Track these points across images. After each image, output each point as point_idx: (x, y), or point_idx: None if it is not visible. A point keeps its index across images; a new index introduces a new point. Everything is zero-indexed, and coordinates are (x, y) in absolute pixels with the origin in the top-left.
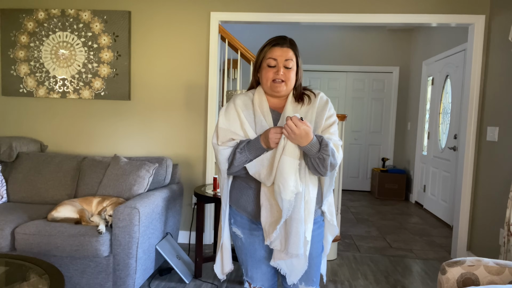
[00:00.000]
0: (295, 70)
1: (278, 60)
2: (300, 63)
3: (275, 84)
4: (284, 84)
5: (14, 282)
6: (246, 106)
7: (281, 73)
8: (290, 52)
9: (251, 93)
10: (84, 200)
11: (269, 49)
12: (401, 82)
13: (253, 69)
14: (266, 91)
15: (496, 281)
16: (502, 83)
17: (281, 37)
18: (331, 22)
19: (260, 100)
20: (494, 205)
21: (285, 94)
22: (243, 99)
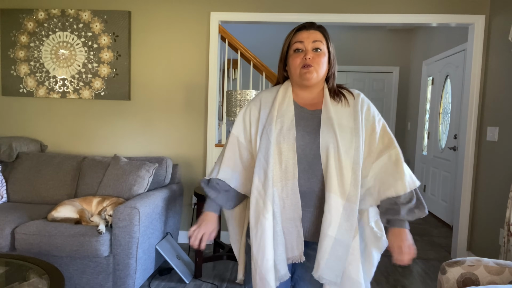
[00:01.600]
0: (326, 56)
1: (305, 42)
2: (332, 50)
3: (304, 70)
4: (314, 70)
5: (14, 282)
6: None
7: (309, 56)
8: (318, 34)
9: (276, 89)
10: (84, 200)
11: (295, 33)
12: (401, 82)
13: (280, 62)
14: (297, 82)
15: (496, 281)
16: (502, 83)
17: (308, 22)
18: (331, 22)
19: (284, 95)
20: (494, 205)
21: (316, 83)
22: (265, 96)
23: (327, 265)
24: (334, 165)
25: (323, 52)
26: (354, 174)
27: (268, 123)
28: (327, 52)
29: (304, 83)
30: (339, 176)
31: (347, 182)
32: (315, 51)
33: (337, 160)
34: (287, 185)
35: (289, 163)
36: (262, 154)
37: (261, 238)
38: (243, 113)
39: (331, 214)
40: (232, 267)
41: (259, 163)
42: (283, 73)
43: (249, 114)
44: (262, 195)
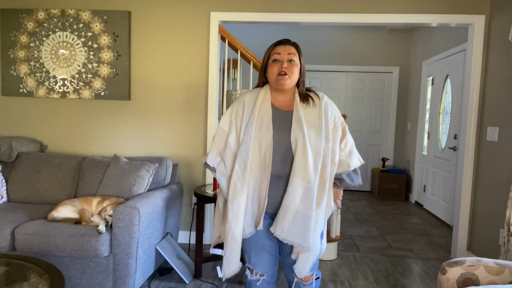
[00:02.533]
0: (298, 66)
1: (281, 54)
2: (303, 62)
3: (279, 77)
4: (288, 77)
5: (14, 282)
6: (249, 104)
7: (284, 66)
8: (292, 48)
9: (257, 91)
10: (84, 200)
11: (274, 47)
12: (401, 82)
13: (260, 70)
14: (272, 86)
15: (496, 281)
16: (502, 83)
17: (285, 39)
18: (331, 22)
19: (264, 97)
20: (494, 205)
21: (289, 88)
22: (248, 97)
23: (289, 230)
24: (301, 155)
25: (296, 63)
26: (315, 162)
27: (250, 122)
28: (299, 63)
29: (279, 87)
30: (304, 164)
31: (308, 168)
32: (290, 62)
33: (303, 152)
34: (264, 171)
35: (266, 155)
36: (244, 147)
37: (237, 211)
38: (230, 112)
39: (294, 192)
40: None
41: (240, 154)
42: (263, 78)
43: (235, 112)
44: (241, 179)
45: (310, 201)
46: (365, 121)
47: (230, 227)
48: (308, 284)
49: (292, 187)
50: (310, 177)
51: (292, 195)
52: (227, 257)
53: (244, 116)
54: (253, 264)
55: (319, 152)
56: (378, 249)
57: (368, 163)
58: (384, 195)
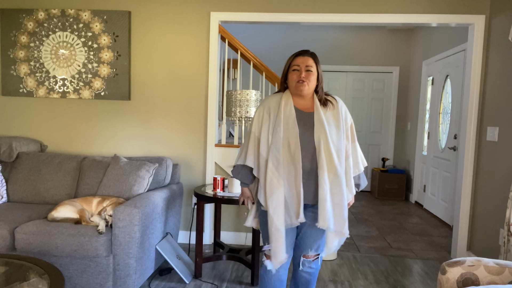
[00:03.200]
0: (315, 75)
1: (300, 65)
2: (320, 71)
3: (298, 84)
4: (306, 84)
5: (14, 282)
6: (274, 108)
7: (303, 75)
8: (310, 60)
9: (279, 96)
10: (84, 200)
11: (293, 58)
12: (401, 82)
13: (281, 77)
14: (292, 92)
15: (496, 281)
16: (502, 83)
17: (303, 50)
18: (331, 22)
19: (287, 101)
20: (494, 205)
21: (308, 94)
22: (272, 102)
23: (332, 220)
24: (324, 152)
25: (313, 72)
26: (338, 157)
27: (277, 123)
28: (316, 72)
29: (298, 93)
30: (329, 159)
31: (334, 162)
32: (307, 71)
33: (326, 149)
34: (296, 167)
35: (296, 152)
36: (275, 146)
37: (276, 204)
38: (257, 116)
39: (325, 185)
40: (232, 267)
41: (272, 153)
42: (284, 85)
43: (262, 115)
44: (276, 175)
45: (341, 191)
46: (365, 121)
47: (273, 220)
48: (313, 261)
49: (324, 181)
50: (336, 170)
51: (326, 188)
52: (274, 249)
53: (271, 119)
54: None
55: (340, 148)
56: (378, 249)
57: (368, 163)
58: (384, 195)
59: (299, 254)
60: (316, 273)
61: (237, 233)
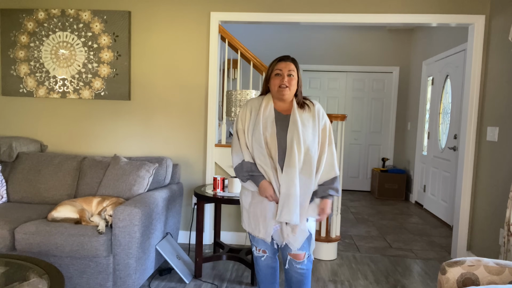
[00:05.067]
0: (296, 79)
1: (283, 70)
2: (300, 75)
3: (280, 88)
4: (288, 89)
5: (14, 282)
6: (255, 109)
7: (285, 80)
8: (292, 65)
9: (261, 98)
10: (84, 200)
11: (276, 63)
12: (401, 82)
13: (264, 80)
14: (274, 96)
15: (496, 281)
16: (502, 83)
17: (285, 56)
18: (331, 22)
19: (267, 103)
20: (494, 205)
21: (289, 98)
22: (255, 103)
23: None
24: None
25: (294, 77)
26: (307, 155)
27: (257, 122)
28: (297, 77)
29: (280, 97)
30: (298, 157)
31: (300, 160)
32: (289, 75)
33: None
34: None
35: (272, 149)
36: (257, 143)
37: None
38: (241, 115)
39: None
40: (232, 267)
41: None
42: (266, 87)
43: (244, 115)
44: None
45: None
46: (365, 121)
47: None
48: (300, 262)
49: (291, 176)
50: (301, 167)
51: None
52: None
53: (251, 118)
54: (256, 242)
55: (312, 147)
56: (378, 249)
57: (368, 163)
58: (384, 195)
59: (284, 253)
60: (308, 273)
61: (237, 233)
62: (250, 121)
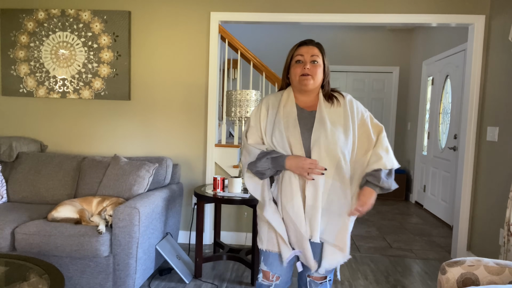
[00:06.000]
0: (321, 67)
1: (304, 56)
2: (327, 63)
3: (302, 77)
4: (311, 77)
5: (14, 282)
6: (273, 105)
7: (307, 67)
8: (315, 49)
9: (281, 93)
10: (84, 200)
11: (297, 48)
12: (401, 82)
13: (283, 71)
14: (295, 87)
15: (496, 281)
16: (502, 83)
17: (308, 39)
18: (331, 22)
19: (288, 98)
20: (494, 205)
21: (313, 89)
22: (272, 99)
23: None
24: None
25: (319, 64)
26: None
27: (277, 122)
28: (322, 64)
29: (302, 88)
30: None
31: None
32: (313, 63)
33: (325, 150)
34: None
35: (297, 152)
36: (281, 146)
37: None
38: (255, 112)
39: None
40: (232, 267)
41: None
42: (286, 80)
43: (260, 112)
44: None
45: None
46: None
47: (296, 225)
48: (321, 284)
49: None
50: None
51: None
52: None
53: (269, 116)
54: (270, 265)
55: (345, 151)
56: (378, 249)
57: None
58: (384, 195)
59: (304, 274)
60: None
61: (237, 233)
62: (268, 121)
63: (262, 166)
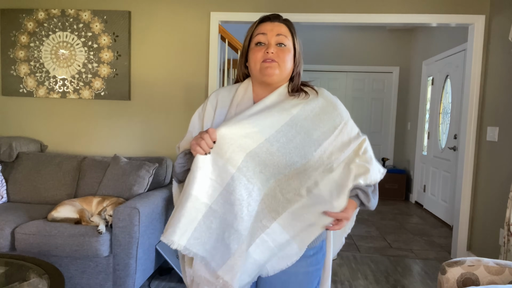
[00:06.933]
0: (291, 52)
1: (268, 34)
2: (298, 47)
3: (265, 65)
4: (277, 65)
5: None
6: (223, 103)
7: (271, 50)
8: (283, 27)
9: (235, 87)
10: (84, 200)
11: (257, 25)
12: (401, 82)
13: (240, 57)
14: (257, 79)
15: (496, 281)
16: (502, 83)
17: (273, 14)
18: (331, 22)
19: (244, 94)
20: (494, 205)
21: (278, 81)
22: (223, 94)
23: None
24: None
25: (287, 48)
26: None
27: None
28: (292, 48)
29: (265, 79)
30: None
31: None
32: (279, 46)
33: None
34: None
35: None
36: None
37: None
38: (198, 112)
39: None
40: None
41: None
42: (244, 69)
43: (204, 112)
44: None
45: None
46: (365, 121)
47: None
48: None
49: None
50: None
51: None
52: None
53: (216, 118)
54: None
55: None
56: (378, 249)
57: None
58: (384, 195)
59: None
60: None
61: None
62: (214, 124)
63: (177, 163)
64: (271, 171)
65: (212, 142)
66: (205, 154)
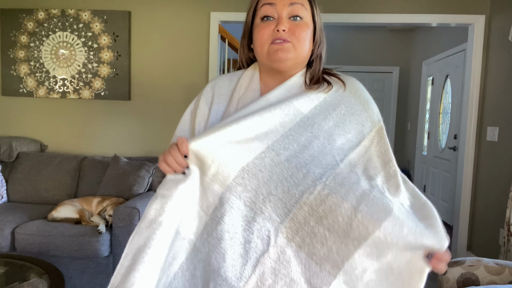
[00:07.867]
0: (310, 28)
1: (277, 5)
2: (319, 21)
3: (275, 47)
4: (291, 46)
5: (14, 282)
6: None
7: (283, 27)
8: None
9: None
10: (84, 200)
11: None
12: (401, 82)
13: (242, 38)
14: (265, 65)
15: (496, 281)
16: (502, 83)
17: None
18: (331, 22)
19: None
20: (494, 205)
21: (294, 67)
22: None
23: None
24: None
25: (305, 23)
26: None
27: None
28: (311, 23)
29: (275, 65)
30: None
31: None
32: (293, 19)
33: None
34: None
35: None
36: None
37: None
38: (191, 108)
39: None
40: None
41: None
42: (248, 53)
43: (196, 111)
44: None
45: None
46: None
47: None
48: None
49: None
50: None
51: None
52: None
53: (211, 117)
54: None
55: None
56: None
57: None
58: None
59: None
60: None
61: None
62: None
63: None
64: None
65: (183, 158)
66: (175, 173)
